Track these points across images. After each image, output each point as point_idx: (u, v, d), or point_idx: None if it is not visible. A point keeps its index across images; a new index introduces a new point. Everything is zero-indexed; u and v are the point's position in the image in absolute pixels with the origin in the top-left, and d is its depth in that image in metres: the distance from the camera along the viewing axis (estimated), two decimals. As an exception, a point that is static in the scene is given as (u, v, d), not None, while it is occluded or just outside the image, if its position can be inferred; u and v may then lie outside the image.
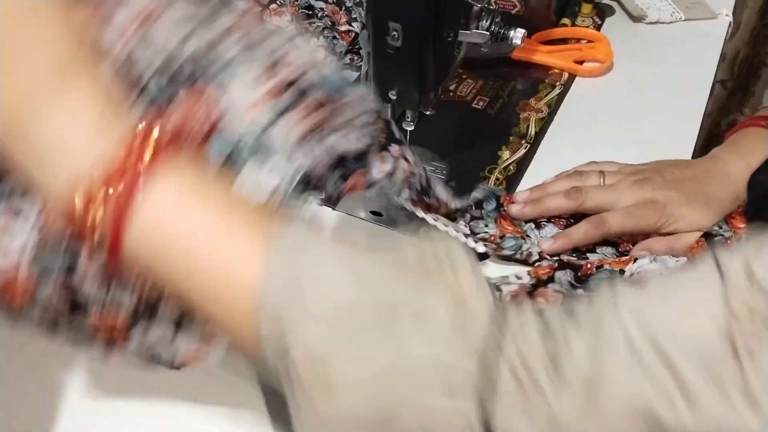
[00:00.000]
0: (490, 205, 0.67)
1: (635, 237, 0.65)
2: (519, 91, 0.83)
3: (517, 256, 0.64)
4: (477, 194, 0.67)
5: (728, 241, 0.60)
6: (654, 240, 0.64)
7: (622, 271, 0.60)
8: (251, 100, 0.39)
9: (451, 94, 0.82)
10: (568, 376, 0.29)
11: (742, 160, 0.65)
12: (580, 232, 0.64)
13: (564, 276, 0.60)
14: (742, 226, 0.62)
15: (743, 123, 0.70)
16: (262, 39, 0.41)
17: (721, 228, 0.62)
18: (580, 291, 0.58)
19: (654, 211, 0.63)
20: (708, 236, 0.61)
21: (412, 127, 0.69)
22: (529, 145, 0.77)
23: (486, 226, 0.66)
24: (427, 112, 0.70)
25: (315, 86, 0.42)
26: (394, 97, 0.67)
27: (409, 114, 0.71)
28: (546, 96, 0.82)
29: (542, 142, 0.77)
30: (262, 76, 0.40)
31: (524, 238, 0.64)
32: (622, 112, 0.80)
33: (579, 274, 0.60)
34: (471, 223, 0.66)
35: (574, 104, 0.82)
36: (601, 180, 0.67)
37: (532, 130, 0.78)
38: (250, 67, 0.40)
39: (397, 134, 0.52)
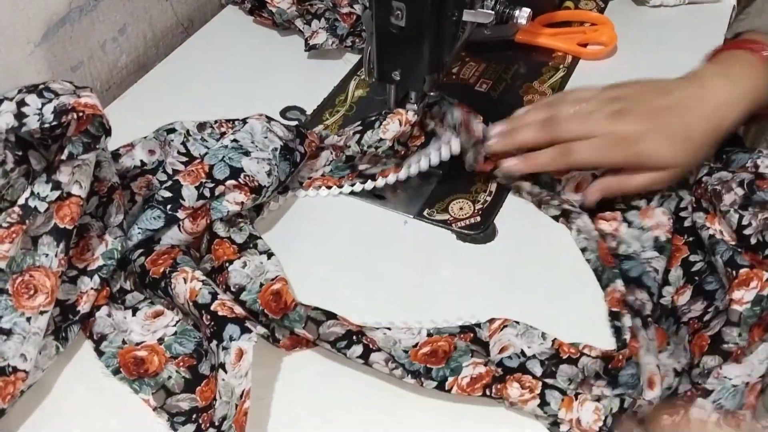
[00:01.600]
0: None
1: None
2: (522, 75, 0.82)
3: None
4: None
5: (739, 352, 0.54)
6: (608, 178, 0.63)
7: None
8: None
9: (454, 77, 0.81)
10: None
11: (730, 85, 0.62)
12: (547, 157, 0.63)
13: (592, 365, 0.54)
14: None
15: (730, 44, 0.67)
16: None
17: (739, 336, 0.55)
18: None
19: (623, 148, 0.61)
20: (720, 340, 0.55)
21: (416, 108, 0.68)
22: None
23: None
24: (431, 93, 0.69)
25: None
26: (398, 78, 0.66)
27: (412, 95, 0.70)
28: (549, 79, 0.81)
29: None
30: None
31: None
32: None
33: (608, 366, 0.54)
34: None
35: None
36: (577, 108, 0.64)
37: (536, 113, 0.77)
38: None
39: None
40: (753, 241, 0.58)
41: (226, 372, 0.50)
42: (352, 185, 0.68)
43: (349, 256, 0.64)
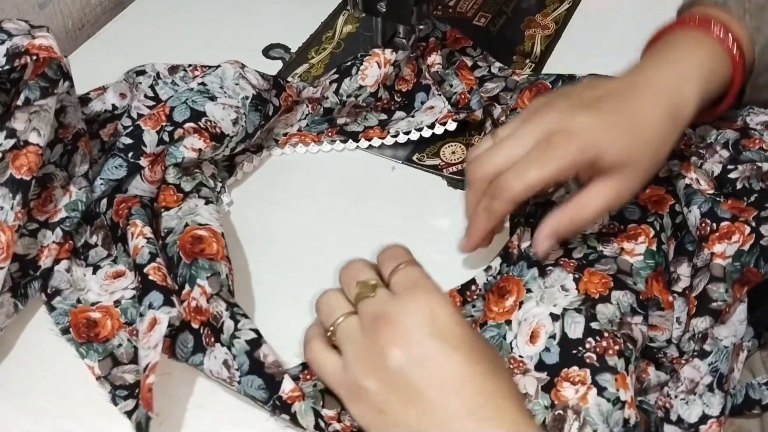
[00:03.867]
0: None
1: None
2: (524, 8, 0.77)
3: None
4: None
5: (727, 310, 0.50)
6: (555, 215, 0.50)
7: (508, 322, 0.49)
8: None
9: (450, 10, 0.77)
10: None
11: (672, 67, 0.51)
12: (479, 218, 0.51)
13: (624, 298, 0.49)
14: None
15: (674, 23, 0.55)
16: None
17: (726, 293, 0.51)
18: None
19: (565, 141, 0.47)
20: (707, 299, 0.51)
21: (406, 44, 0.63)
22: (533, 65, 0.72)
23: None
24: (420, 27, 0.64)
25: None
26: (383, 10, 0.61)
27: (401, 30, 0.65)
28: (553, 11, 0.77)
29: (548, 62, 0.72)
30: None
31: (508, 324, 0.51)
32: (636, 28, 0.72)
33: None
34: None
35: (584, 20, 0.76)
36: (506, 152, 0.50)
37: (538, 49, 0.73)
38: None
39: None
40: (739, 186, 0.54)
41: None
42: (332, 142, 0.64)
43: (332, 205, 0.60)
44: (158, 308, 0.47)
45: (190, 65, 0.63)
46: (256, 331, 0.47)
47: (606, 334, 0.46)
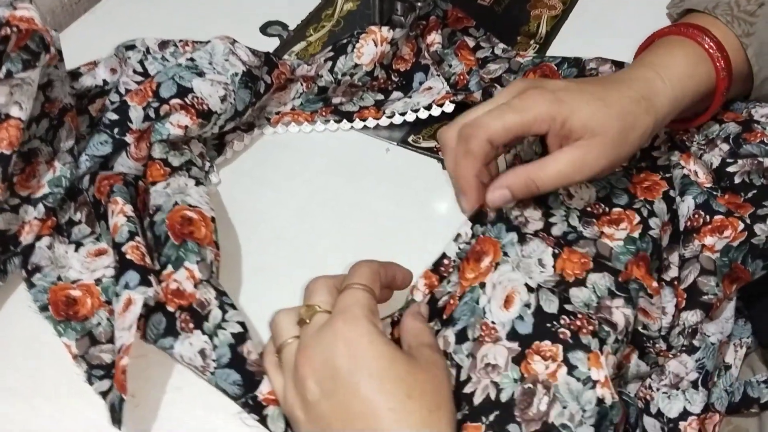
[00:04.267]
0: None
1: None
2: (532, -15, 0.74)
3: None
4: None
5: (719, 305, 0.49)
6: (514, 170, 0.49)
7: (482, 285, 0.48)
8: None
9: (455, -12, 0.74)
10: None
11: (653, 73, 0.51)
12: (463, 167, 0.49)
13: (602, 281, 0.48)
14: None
15: (657, 33, 0.56)
16: None
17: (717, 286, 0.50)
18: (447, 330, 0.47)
19: (540, 93, 0.48)
20: (698, 292, 0.49)
21: (404, 22, 0.61)
22: (538, 46, 0.70)
23: None
24: (419, 4, 0.62)
25: None
26: (381, -14, 0.59)
27: (399, 7, 0.63)
28: (562, -10, 0.73)
29: (553, 44, 0.70)
30: None
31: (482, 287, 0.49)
32: (644, 11, 0.71)
33: (444, 316, 0.49)
34: None
35: (592, 1, 0.73)
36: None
37: (543, 29, 0.71)
38: None
39: None
40: (737, 180, 0.53)
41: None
42: (326, 122, 0.62)
43: (324, 186, 0.59)
44: (134, 288, 0.45)
45: (181, 41, 0.62)
46: (243, 324, 0.46)
47: (580, 315, 0.46)
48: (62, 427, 0.46)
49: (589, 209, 0.53)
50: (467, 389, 0.44)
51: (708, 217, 0.51)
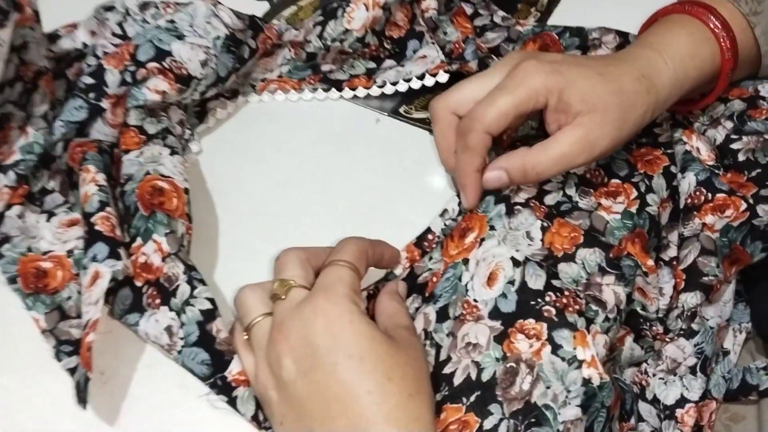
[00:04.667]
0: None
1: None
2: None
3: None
4: None
5: (719, 286, 0.47)
6: (513, 153, 0.47)
7: (465, 261, 0.46)
8: None
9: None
10: None
11: (645, 49, 0.50)
12: (464, 163, 0.47)
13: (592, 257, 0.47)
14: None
15: (670, 7, 0.53)
16: None
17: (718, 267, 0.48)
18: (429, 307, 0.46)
19: (535, 66, 0.46)
20: (697, 273, 0.47)
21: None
22: (539, 14, 0.67)
23: None
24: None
25: None
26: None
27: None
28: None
29: (555, 12, 0.67)
30: None
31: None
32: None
33: (425, 293, 0.47)
34: None
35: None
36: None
37: (545, -4, 0.68)
38: None
39: None
40: (741, 158, 0.51)
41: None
42: (314, 90, 0.60)
43: (310, 158, 0.56)
44: (102, 261, 0.43)
45: (162, 1, 0.59)
46: (213, 301, 0.44)
47: (567, 293, 0.44)
48: (30, 405, 0.44)
49: (588, 176, 0.51)
50: (447, 369, 0.43)
51: (710, 194, 0.49)
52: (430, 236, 0.49)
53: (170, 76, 0.52)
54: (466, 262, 0.46)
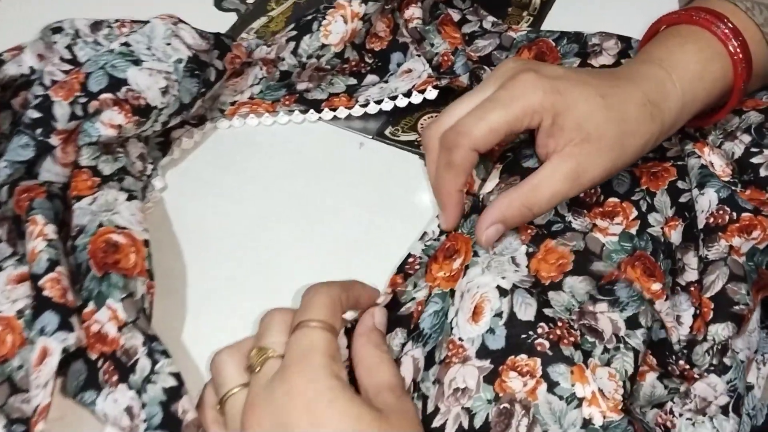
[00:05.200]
0: None
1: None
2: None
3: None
4: None
5: (749, 315, 0.44)
6: (505, 198, 0.43)
7: (452, 293, 0.43)
8: None
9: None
10: None
11: (653, 65, 0.46)
12: (445, 181, 0.44)
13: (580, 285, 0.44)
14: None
15: (675, 15, 0.49)
16: None
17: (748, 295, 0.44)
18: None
19: (534, 79, 0.42)
20: (727, 301, 0.43)
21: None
22: (532, 18, 0.62)
23: None
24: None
25: None
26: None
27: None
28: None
29: (549, 15, 0.63)
30: None
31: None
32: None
33: (411, 325, 0.44)
34: None
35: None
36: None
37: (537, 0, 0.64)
38: None
39: None
40: (763, 173, 0.48)
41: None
42: (290, 112, 0.55)
43: (288, 190, 0.52)
44: (51, 335, 0.38)
45: (117, 20, 0.53)
46: (178, 376, 0.39)
47: (560, 323, 0.41)
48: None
49: (582, 195, 0.47)
50: (436, 423, 0.39)
51: (734, 214, 0.46)
52: (410, 260, 0.46)
53: (126, 107, 0.46)
54: (452, 293, 0.43)
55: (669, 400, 0.44)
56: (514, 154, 0.49)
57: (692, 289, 0.46)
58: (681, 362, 0.44)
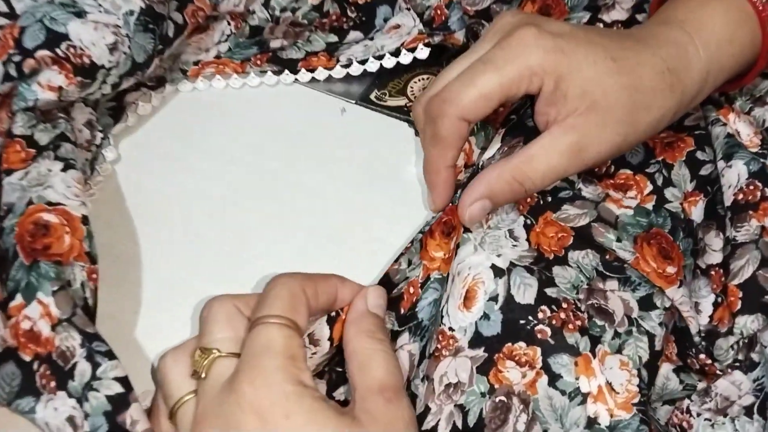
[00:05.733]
0: None
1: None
2: None
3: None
4: None
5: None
6: (494, 169, 0.41)
7: (448, 275, 0.41)
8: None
9: None
10: None
11: (683, 32, 0.43)
12: (432, 156, 0.42)
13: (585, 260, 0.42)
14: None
15: None
16: None
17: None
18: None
19: (534, 35, 0.39)
20: (758, 290, 0.41)
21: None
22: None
23: None
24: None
25: None
26: None
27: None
28: None
29: None
30: None
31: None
32: None
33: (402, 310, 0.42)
34: None
35: None
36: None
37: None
38: None
39: None
40: None
41: None
42: (262, 73, 0.52)
43: (258, 164, 0.49)
44: None
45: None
46: (124, 381, 0.35)
47: (565, 305, 0.40)
48: None
49: None
50: (427, 424, 0.38)
51: (767, 190, 0.44)
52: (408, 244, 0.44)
53: (67, 67, 0.42)
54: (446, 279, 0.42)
55: (683, 397, 0.42)
56: (519, 116, 0.46)
57: (713, 273, 0.44)
58: (702, 356, 0.42)
